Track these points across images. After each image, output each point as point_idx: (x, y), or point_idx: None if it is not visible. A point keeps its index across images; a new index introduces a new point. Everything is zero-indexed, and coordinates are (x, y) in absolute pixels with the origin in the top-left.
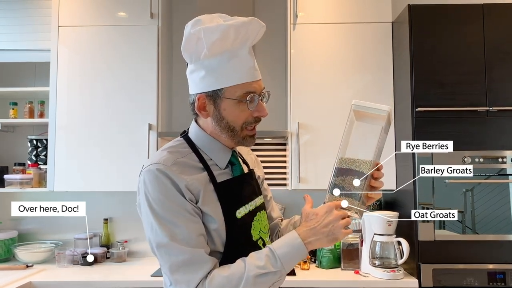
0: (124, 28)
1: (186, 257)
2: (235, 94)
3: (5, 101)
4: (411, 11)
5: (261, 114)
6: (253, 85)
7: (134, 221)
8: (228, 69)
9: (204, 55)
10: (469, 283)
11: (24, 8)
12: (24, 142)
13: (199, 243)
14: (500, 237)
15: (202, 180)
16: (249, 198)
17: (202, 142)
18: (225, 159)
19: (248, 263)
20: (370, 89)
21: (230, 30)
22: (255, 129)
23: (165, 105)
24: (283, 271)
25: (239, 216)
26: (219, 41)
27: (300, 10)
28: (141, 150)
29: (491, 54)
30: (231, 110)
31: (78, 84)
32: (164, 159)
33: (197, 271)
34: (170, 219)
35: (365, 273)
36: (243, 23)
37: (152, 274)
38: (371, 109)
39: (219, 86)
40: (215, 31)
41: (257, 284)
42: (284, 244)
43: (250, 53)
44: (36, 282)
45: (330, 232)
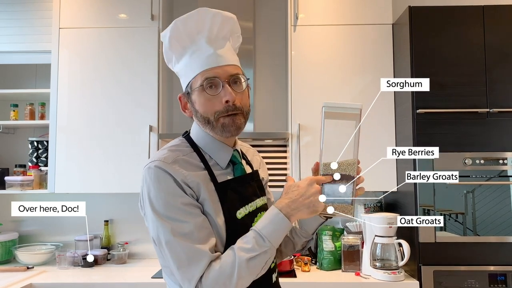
0: (124, 30)
1: (188, 253)
2: (197, 83)
3: (6, 102)
4: (411, 13)
5: (227, 98)
6: (213, 71)
7: (134, 223)
8: (191, 64)
9: (174, 60)
10: (470, 285)
11: (25, 10)
12: (25, 144)
13: (201, 238)
14: (501, 238)
15: (202, 178)
16: (249, 199)
17: (202, 141)
18: (225, 158)
19: (237, 249)
20: (370, 90)
21: (178, 25)
22: (238, 117)
23: (165, 107)
24: (273, 248)
25: (239, 216)
26: (173, 39)
27: (301, 12)
28: (141, 152)
29: (491, 55)
30: (199, 101)
31: (79, 86)
32: (164, 157)
33: (196, 268)
34: (171, 216)
35: (366, 275)
36: (189, 15)
37: (152, 276)
38: (343, 109)
39: (187, 81)
40: (167, 31)
41: (250, 268)
42: (268, 223)
43: (210, 43)
44: (36, 284)
45: (311, 204)
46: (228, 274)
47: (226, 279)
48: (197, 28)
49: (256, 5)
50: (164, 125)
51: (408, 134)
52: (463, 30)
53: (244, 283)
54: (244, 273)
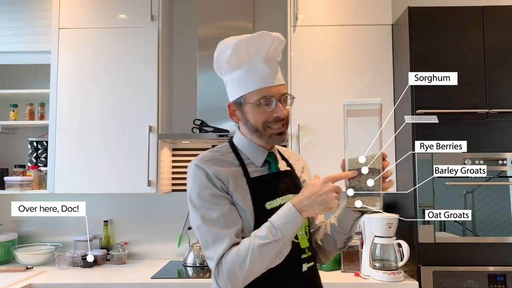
0: (124, 30)
1: (213, 236)
2: (252, 99)
3: (6, 103)
4: (411, 14)
5: (278, 114)
6: (269, 90)
7: (134, 223)
8: (247, 79)
9: (226, 70)
10: (469, 286)
11: (25, 10)
12: (24, 144)
13: (226, 224)
14: (500, 239)
15: (234, 173)
16: (281, 193)
17: (241, 144)
18: (261, 158)
19: (252, 236)
20: (370, 91)
21: (241, 45)
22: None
23: (165, 107)
24: (285, 239)
25: (268, 207)
26: (233, 55)
27: (301, 12)
28: (141, 152)
29: (491, 56)
30: (251, 113)
31: (78, 86)
32: (203, 156)
33: (218, 249)
34: (201, 205)
35: (365, 275)
36: (252, 37)
37: (152, 276)
38: (363, 105)
39: (241, 93)
40: (228, 47)
41: (262, 253)
42: (282, 215)
43: (266, 63)
44: (36, 284)
45: (324, 201)
46: (243, 257)
47: (241, 261)
48: (257, 49)
49: (255, 6)
50: (164, 125)
51: (408, 135)
52: (462, 31)
53: (257, 267)
54: (256, 257)
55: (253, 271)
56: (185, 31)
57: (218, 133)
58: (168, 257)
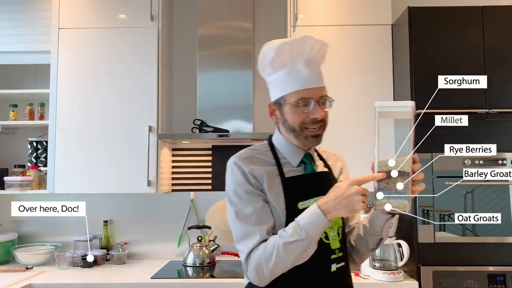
0: (124, 30)
1: (245, 232)
2: (291, 99)
3: (5, 103)
4: (411, 13)
5: (315, 116)
6: (308, 92)
7: (134, 223)
8: (287, 80)
9: (269, 71)
10: (469, 285)
11: (25, 10)
12: (24, 144)
13: (258, 220)
14: (500, 239)
15: (269, 172)
16: (314, 194)
17: (279, 144)
18: (297, 159)
19: (279, 234)
20: (370, 91)
21: (284, 47)
22: (320, 130)
23: (165, 107)
24: (309, 238)
25: (300, 207)
26: (276, 57)
27: (300, 12)
28: (141, 152)
29: (490, 56)
30: (290, 113)
31: (78, 86)
32: (241, 153)
33: (249, 244)
34: (236, 201)
35: (365, 275)
36: (295, 40)
37: (152, 276)
38: (395, 107)
39: (281, 94)
40: (272, 49)
41: (287, 251)
42: (307, 216)
43: (307, 65)
44: (36, 284)
45: (349, 204)
46: (269, 253)
47: (267, 257)
48: (299, 51)
49: (255, 6)
50: (164, 125)
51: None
52: (462, 31)
53: (282, 263)
54: (281, 254)
55: (279, 267)
56: (185, 31)
57: (218, 133)
58: (168, 257)
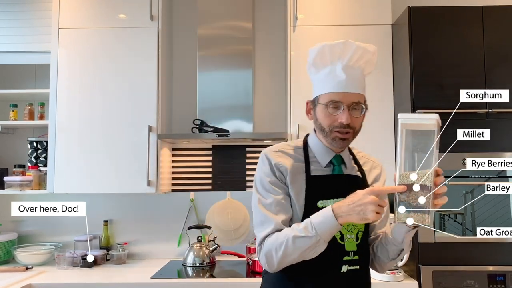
0: (124, 30)
1: (263, 219)
2: (323, 100)
3: (5, 103)
4: (410, 13)
5: (342, 120)
6: (340, 96)
7: (134, 223)
8: (324, 81)
9: (312, 71)
10: (469, 285)
11: (25, 10)
12: (24, 144)
13: (276, 211)
14: (500, 239)
15: (294, 167)
16: (337, 195)
17: (312, 142)
18: (326, 159)
19: (292, 227)
20: (370, 91)
21: (325, 49)
22: (347, 135)
23: (165, 107)
24: (318, 237)
25: (320, 206)
26: (318, 58)
27: (300, 12)
28: (141, 152)
29: (490, 56)
30: (320, 114)
31: (78, 86)
32: (273, 147)
33: (264, 230)
34: (261, 189)
35: None
36: (337, 43)
37: (152, 276)
38: (419, 119)
39: (316, 94)
40: (314, 50)
41: (295, 244)
42: (320, 215)
43: (345, 69)
44: (35, 284)
45: (362, 212)
46: (280, 243)
47: (277, 246)
48: (339, 55)
49: (255, 6)
50: (164, 125)
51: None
52: (462, 31)
53: (289, 255)
54: (290, 246)
55: (286, 257)
56: (185, 31)
57: (218, 133)
58: (168, 257)
